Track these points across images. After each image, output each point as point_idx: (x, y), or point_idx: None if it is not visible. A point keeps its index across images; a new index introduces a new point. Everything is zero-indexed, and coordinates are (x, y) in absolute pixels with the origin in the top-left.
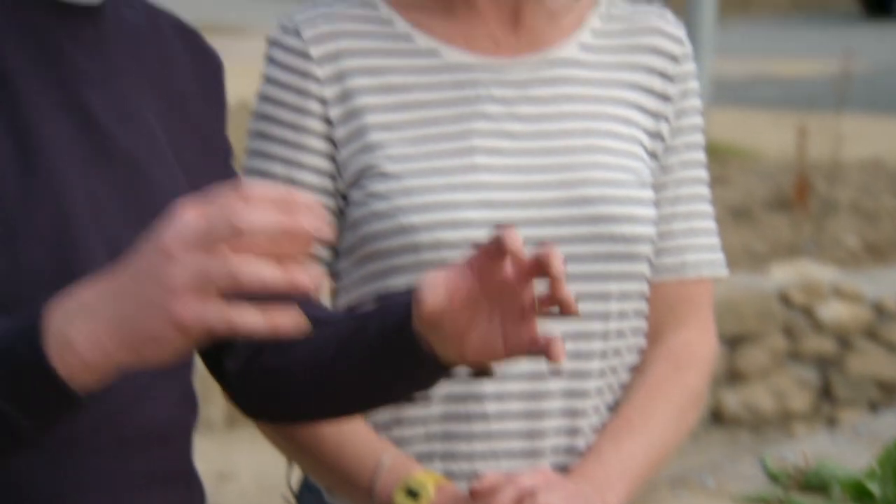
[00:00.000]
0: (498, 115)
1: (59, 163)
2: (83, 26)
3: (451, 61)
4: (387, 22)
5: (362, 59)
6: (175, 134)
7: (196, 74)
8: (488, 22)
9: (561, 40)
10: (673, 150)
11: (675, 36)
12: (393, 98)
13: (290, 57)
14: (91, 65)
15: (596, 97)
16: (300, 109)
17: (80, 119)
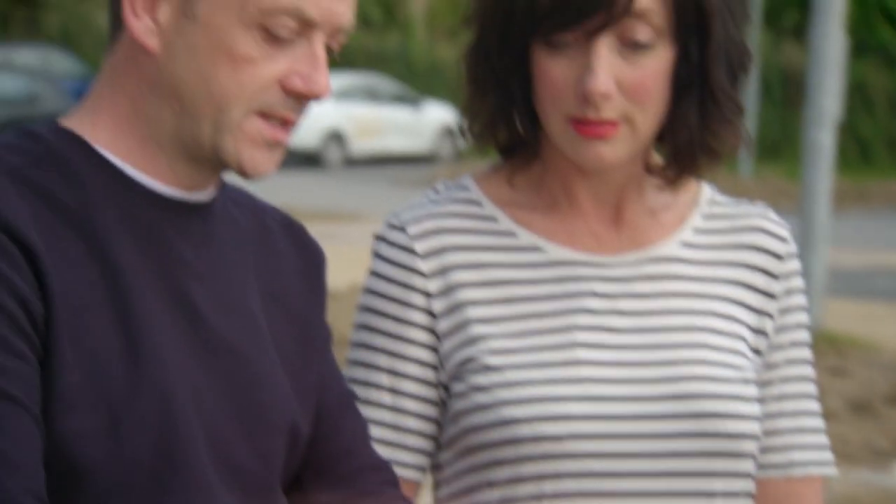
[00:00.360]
0: (600, 309)
1: (164, 354)
2: (192, 222)
3: (555, 257)
4: (490, 219)
5: (466, 254)
6: (276, 325)
7: (299, 268)
8: (590, 219)
9: (662, 238)
10: (778, 348)
11: (778, 234)
12: (496, 292)
13: (396, 251)
14: (198, 259)
15: (698, 293)
16: (404, 302)
17: (186, 312)
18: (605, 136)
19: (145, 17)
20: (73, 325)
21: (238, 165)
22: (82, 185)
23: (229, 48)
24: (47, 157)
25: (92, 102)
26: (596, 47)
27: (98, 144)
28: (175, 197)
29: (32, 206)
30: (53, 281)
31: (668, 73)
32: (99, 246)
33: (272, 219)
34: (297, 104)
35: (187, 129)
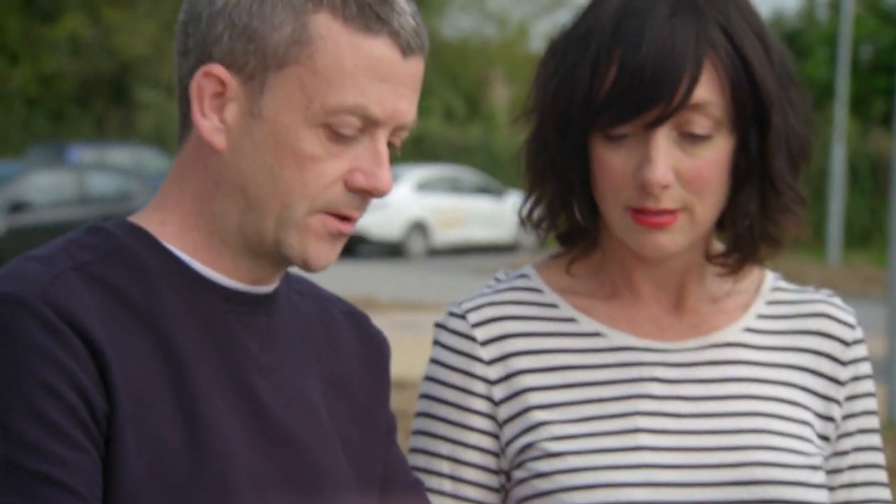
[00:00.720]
0: (662, 395)
1: (225, 444)
2: (257, 314)
3: (616, 343)
4: (551, 306)
5: (527, 341)
6: (339, 415)
7: (363, 357)
8: (651, 306)
9: (725, 325)
10: (846, 435)
11: (844, 320)
12: (557, 378)
13: (456, 339)
14: (262, 351)
15: (762, 379)
16: (465, 390)
17: (249, 403)
18: (664, 225)
19: (213, 117)
20: (137, 418)
21: (302, 260)
22: (149, 279)
23: (294, 147)
24: (115, 252)
25: (160, 200)
26: (654, 139)
27: (165, 240)
28: (240, 290)
29: (99, 300)
30: (117, 374)
31: (727, 163)
32: (164, 338)
33: (336, 308)
34: (360, 201)
35: (252, 225)
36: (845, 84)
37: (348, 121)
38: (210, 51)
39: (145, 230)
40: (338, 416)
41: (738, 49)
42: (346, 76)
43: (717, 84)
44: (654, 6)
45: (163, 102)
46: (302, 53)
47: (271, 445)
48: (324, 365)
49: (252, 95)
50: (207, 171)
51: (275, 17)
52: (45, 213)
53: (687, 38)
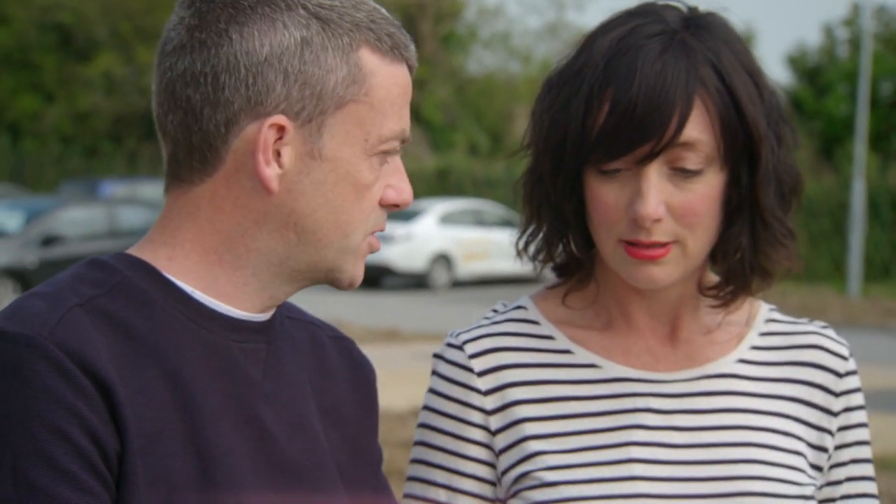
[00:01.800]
0: (656, 425)
1: (236, 476)
2: (256, 341)
3: (611, 374)
4: (547, 338)
5: (523, 372)
6: (333, 442)
7: (352, 385)
8: (646, 337)
9: (719, 356)
10: (839, 465)
11: (837, 352)
12: (552, 408)
13: (453, 369)
14: (265, 378)
15: (755, 409)
16: (462, 420)
17: (257, 432)
18: (656, 258)
19: (274, 164)
20: (148, 454)
21: (351, 281)
22: (153, 311)
23: (355, 179)
24: (119, 286)
25: (168, 237)
26: (646, 174)
27: (174, 275)
28: (240, 318)
29: (106, 336)
30: (127, 411)
31: (718, 197)
32: (171, 370)
33: (324, 333)
34: (386, 214)
35: (304, 257)
36: (865, 120)
37: (395, 146)
38: (261, 100)
39: (148, 263)
40: (332, 443)
41: (728, 86)
42: (394, 105)
43: (707, 121)
44: (645, 44)
45: None
46: (360, 91)
47: (279, 474)
48: (317, 391)
49: (309, 138)
50: (247, 211)
51: (326, 61)
52: (77, 246)
53: (677, 76)
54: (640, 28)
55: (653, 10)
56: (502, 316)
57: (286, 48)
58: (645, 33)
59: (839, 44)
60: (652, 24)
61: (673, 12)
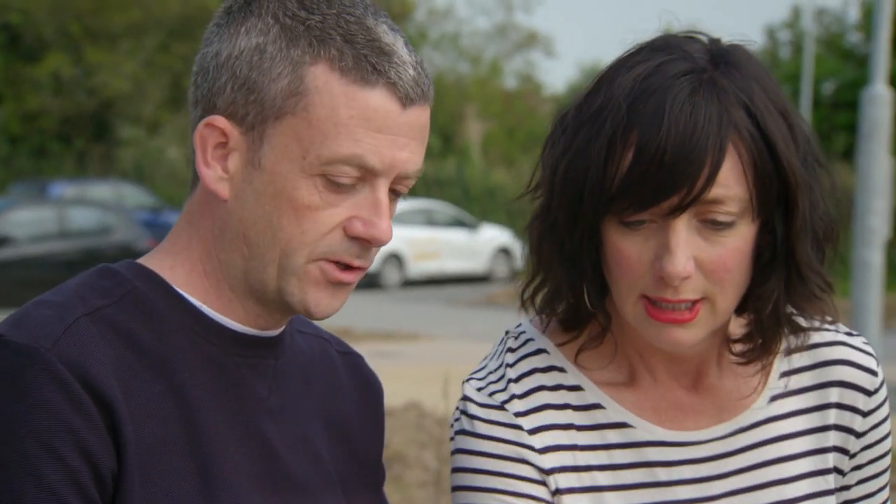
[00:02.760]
0: (690, 498)
1: (237, 494)
2: (265, 357)
3: (644, 437)
4: (576, 389)
5: (563, 434)
6: (337, 457)
7: (358, 399)
8: (672, 388)
9: (750, 400)
10: (858, 482)
11: (867, 366)
12: (588, 479)
13: (499, 429)
14: (271, 395)
15: (788, 455)
16: (517, 477)
17: (259, 448)
18: (684, 322)
19: (216, 167)
20: (148, 471)
21: (303, 307)
22: (161, 324)
23: (291, 196)
24: (127, 296)
25: (171, 244)
26: (674, 227)
27: (176, 285)
28: (249, 334)
29: (113, 346)
30: (128, 427)
31: (750, 250)
32: (176, 385)
33: (333, 348)
34: (360, 249)
35: (255, 273)
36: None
37: (344, 171)
38: (215, 102)
39: (157, 274)
40: (337, 459)
41: (763, 130)
42: (340, 127)
43: (741, 169)
44: (672, 84)
45: (143, 139)
46: (298, 105)
47: (280, 490)
48: (324, 406)
49: (252, 146)
50: (214, 219)
51: (273, 69)
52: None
53: (709, 121)
54: (666, 66)
55: (676, 45)
56: (524, 364)
57: (240, 53)
58: (672, 72)
59: (781, 46)
60: (678, 61)
61: (697, 46)
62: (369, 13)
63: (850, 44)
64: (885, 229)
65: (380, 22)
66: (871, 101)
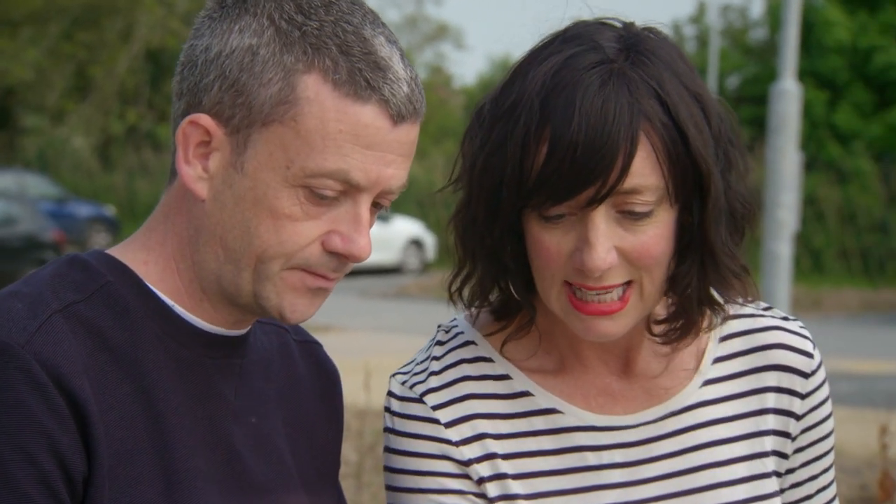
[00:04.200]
0: (624, 481)
1: (200, 496)
2: (231, 356)
3: (573, 423)
4: (504, 378)
5: (491, 423)
6: (301, 456)
7: (317, 390)
8: (602, 374)
9: (682, 385)
10: (803, 465)
11: (802, 349)
12: (518, 466)
13: (417, 425)
14: (236, 396)
15: (724, 439)
16: (438, 473)
17: (224, 451)
18: (612, 312)
19: (197, 165)
20: (115, 476)
21: (279, 313)
22: (132, 322)
23: (272, 204)
24: (100, 291)
25: (145, 238)
26: (592, 219)
27: (149, 281)
28: (218, 334)
29: (84, 345)
30: (99, 430)
31: (671, 234)
32: (144, 385)
33: (291, 338)
34: (338, 263)
35: (229, 276)
36: None
37: (328, 184)
38: (200, 98)
39: (130, 269)
40: (299, 457)
41: (675, 118)
42: (328, 141)
43: (654, 159)
44: (582, 78)
45: (47, 128)
46: (287, 114)
47: (243, 494)
48: (285, 404)
49: (236, 148)
50: (190, 218)
51: (265, 74)
52: None
53: (620, 112)
54: (576, 58)
55: (588, 35)
56: (451, 356)
57: (232, 52)
58: (582, 65)
59: (687, 40)
60: (588, 52)
61: (609, 34)
62: (367, 22)
63: (754, 39)
64: (794, 222)
65: (377, 33)
66: (779, 97)
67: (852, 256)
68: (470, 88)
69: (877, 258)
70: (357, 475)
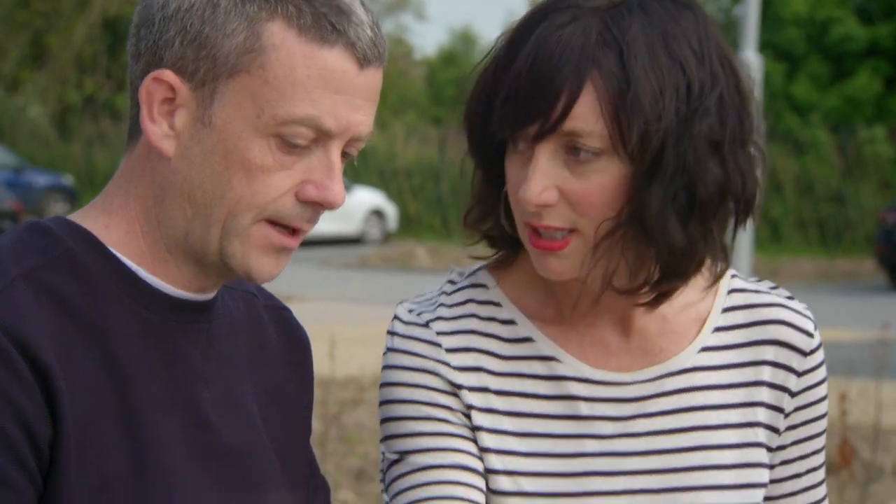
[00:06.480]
0: (611, 433)
1: (168, 462)
2: (198, 322)
3: (569, 372)
4: (509, 323)
5: (489, 360)
6: (272, 421)
7: (287, 357)
8: (599, 327)
9: (681, 348)
10: (794, 443)
11: (803, 328)
12: (512, 404)
13: (421, 346)
14: (204, 362)
15: (715, 404)
16: (433, 389)
17: (191, 418)
18: (554, 250)
19: (162, 123)
20: (81, 442)
21: (245, 271)
22: (95, 288)
23: (244, 156)
24: (62, 257)
25: (106, 202)
26: (536, 154)
27: (111, 245)
28: (183, 298)
29: (48, 311)
30: (64, 397)
31: (618, 188)
32: (109, 352)
33: (259, 303)
34: (311, 213)
35: (197, 234)
36: None
37: (300, 132)
38: (161, 55)
39: (91, 234)
40: (270, 422)
41: (628, 70)
42: (297, 87)
43: (599, 107)
44: (552, 18)
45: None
46: (254, 63)
47: (213, 460)
48: (254, 369)
49: (202, 102)
50: (154, 177)
51: (227, 25)
52: None
53: (571, 53)
54: (559, 2)
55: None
56: (461, 294)
57: (191, 6)
58: (559, 6)
59: None
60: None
61: None
62: None
63: (716, 10)
64: None
65: None
66: None
67: (810, 226)
68: (431, 59)
69: (833, 228)
70: (322, 443)
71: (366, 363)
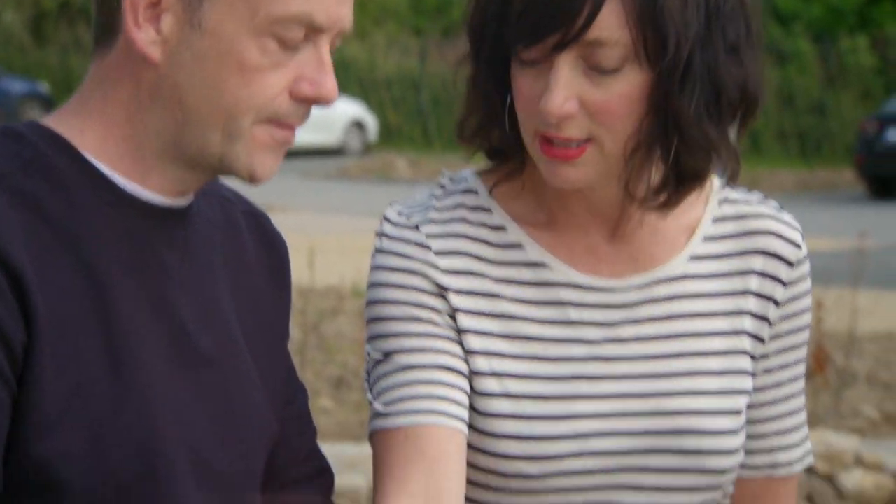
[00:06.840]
0: (598, 339)
1: (147, 369)
2: (175, 228)
3: (558, 278)
4: (499, 228)
5: (477, 264)
6: (248, 328)
7: (265, 264)
8: (590, 234)
9: (671, 256)
10: (777, 352)
11: (791, 239)
12: (499, 306)
13: (409, 247)
14: (181, 267)
15: (703, 312)
16: (421, 290)
17: (170, 323)
18: (569, 158)
19: (148, 28)
20: (57, 346)
21: (249, 172)
22: (69, 193)
23: (239, 58)
24: (35, 162)
25: (79, 106)
26: (557, 66)
27: (86, 150)
28: (160, 203)
29: (21, 215)
30: (38, 301)
31: (640, 97)
32: (85, 257)
33: (237, 209)
34: (305, 110)
35: (192, 138)
36: None
37: (293, 29)
38: None
39: (64, 138)
40: (247, 329)
41: None
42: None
43: (623, 15)
44: None
45: None
46: None
47: (190, 366)
48: (232, 275)
49: (190, 6)
50: (139, 83)
51: None
52: None
53: None
54: None
55: None
56: (452, 199)
57: None
58: None
59: None
60: None
61: None
62: None
63: None
64: None
65: None
66: None
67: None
68: None
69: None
70: (301, 352)
71: (345, 273)
